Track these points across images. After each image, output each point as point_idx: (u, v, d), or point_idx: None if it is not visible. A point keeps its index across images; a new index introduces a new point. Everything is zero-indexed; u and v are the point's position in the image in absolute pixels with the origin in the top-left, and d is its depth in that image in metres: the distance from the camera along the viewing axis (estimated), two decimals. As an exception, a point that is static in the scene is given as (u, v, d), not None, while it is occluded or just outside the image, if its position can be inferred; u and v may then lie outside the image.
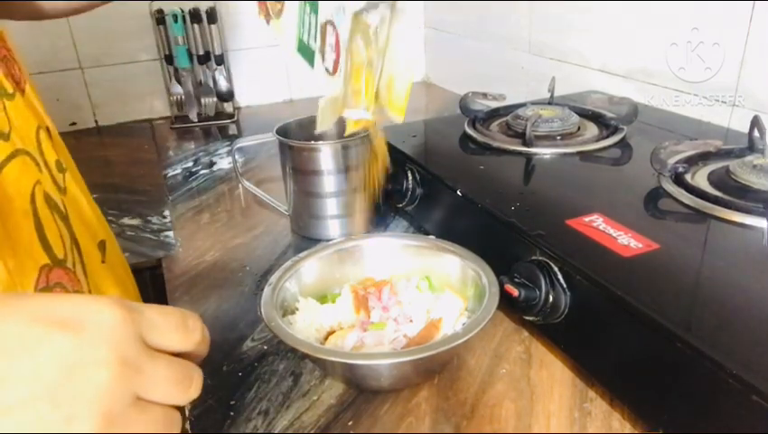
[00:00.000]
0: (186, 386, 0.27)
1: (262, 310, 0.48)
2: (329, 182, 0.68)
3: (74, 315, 0.25)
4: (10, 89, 0.43)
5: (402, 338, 0.49)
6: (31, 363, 0.24)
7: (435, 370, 0.49)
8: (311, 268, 0.55)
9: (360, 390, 0.48)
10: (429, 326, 0.49)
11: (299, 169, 0.70)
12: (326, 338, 0.50)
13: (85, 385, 0.24)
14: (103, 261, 0.51)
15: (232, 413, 0.46)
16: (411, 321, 0.51)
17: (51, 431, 0.23)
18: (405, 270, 0.57)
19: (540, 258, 0.49)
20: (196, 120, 1.21)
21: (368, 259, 0.58)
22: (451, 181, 0.63)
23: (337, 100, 0.46)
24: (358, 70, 0.45)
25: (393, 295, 0.53)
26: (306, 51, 0.49)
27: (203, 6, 1.16)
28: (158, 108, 1.25)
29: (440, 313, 0.50)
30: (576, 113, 0.77)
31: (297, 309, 0.52)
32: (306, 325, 0.50)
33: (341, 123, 0.77)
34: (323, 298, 0.55)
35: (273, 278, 0.52)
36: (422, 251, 0.57)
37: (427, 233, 0.71)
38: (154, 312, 0.27)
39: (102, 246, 0.52)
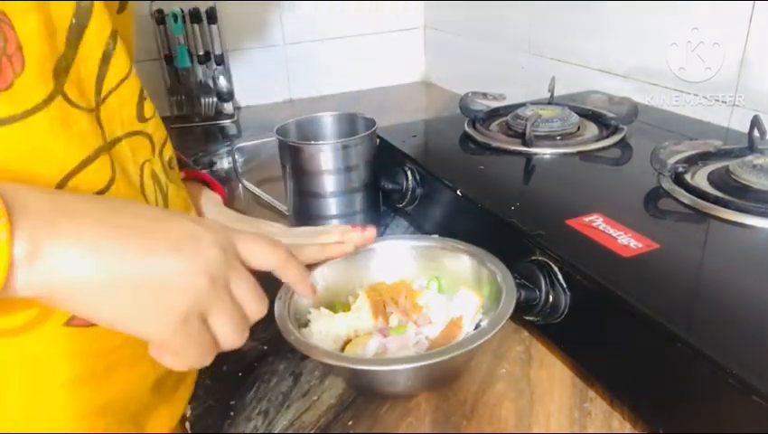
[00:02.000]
0: (261, 302, 0.36)
1: (279, 325, 0.46)
2: (329, 182, 0.68)
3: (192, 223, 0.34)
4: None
5: (424, 340, 0.48)
6: (172, 230, 0.32)
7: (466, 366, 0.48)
8: (319, 276, 0.53)
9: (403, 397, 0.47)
10: (451, 326, 0.48)
11: (299, 169, 0.70)
12: (343, 348, 0.49)
13: (204, 252, 0.32)
14: None
15: (232, 413, 0.46)
16: (431, 322, 0.50)
17: (173, 272, 0.31)
18: (415, 272, 0.56)
19: (540, 258, 0.49)
20: (196, 120, 1.21)
21: (376, 263, 0.56)
22: (451, 181, 0.63)
23: None
24: None
25: (410, 298, 0.52)
26: None
27: (203, 6, 1.16)
28: (158, 108, 1.25)
29: (459, 311, 0.49)
30: (576, 113, 0.77)
31: (309, 321, 0.50)
32: (323, 336, 0.48)
33: (341, 122, 0.77)
34: (333, 307, 0.52)
35: (281, 292, 0.49)
36: (430, 252, 0.56)
37: (427, 234, 0.71)
38: (248, 238, 0.36)
39: None
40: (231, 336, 0.34)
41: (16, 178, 0.32)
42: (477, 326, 0.49)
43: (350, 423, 0.45)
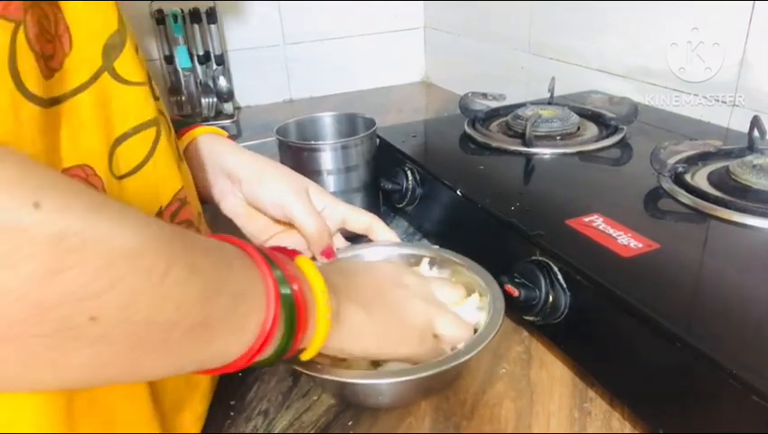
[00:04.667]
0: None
1: None
2: (329, 182, 0.68)
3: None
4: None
5: None
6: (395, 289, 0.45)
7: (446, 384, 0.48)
8: None
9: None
10: None
11: (299, 169, 0.69)
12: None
13: (415, 293, 0.46)
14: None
15: (232, 413, 0.46)
16: None
17: (407, 313, 0.44)
18: None
19: (540, 258, 0.49)
20: (197, 121, 1.21)
21: None
22: (451, 181, 0.63)
23: None
24: None
25: None
26: None
27: (203, 6, 1.16)
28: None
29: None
30: (575, 113, 0.77)
31: None
32: None
33: (341, 122, 0.77)
34: None
35: None
36: (419, 262, 0.54)
37: (427, 234, 0.71)
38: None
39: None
40: (458, 334, 0.45)
41: (67, 155, 0.33)
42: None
43: (350, 423, 0.45)
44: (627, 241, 0.47)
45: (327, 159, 0.68)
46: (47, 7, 0.31)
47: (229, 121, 1.22)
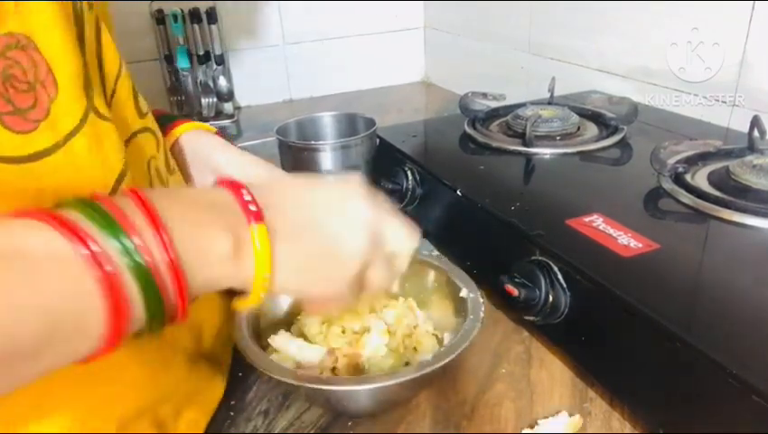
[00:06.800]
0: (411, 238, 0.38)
1: (236, 326, 0.45)
2: (329, 182, 0.68)
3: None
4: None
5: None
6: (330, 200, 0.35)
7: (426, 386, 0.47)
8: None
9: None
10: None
11: (299, 169, 0.70)
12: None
13: (360, 210, 0.35)
14: None
15: (232, 413, 0.46)
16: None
17: (342, 239, 0.34)
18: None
19: (540, 258, 0.49)
20: (196, 120, 1.21)
21: None
22: (451, 181, 0.63)
23: None
24: None
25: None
26: None
27: (203, 6, 1.16)
28: (158, 108, 1.25)
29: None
30: (575, 113, 0.77)
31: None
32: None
33: (341, 122, 0.77)
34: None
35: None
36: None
37: (427, 234, 0.71)
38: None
39: None
40: (384, 282, 0.38)
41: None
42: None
43: (349, 423, 0.45)
44: (627, 241, 0.47)
45: (327, 159, 0.68)
46: (19, 53, 0.29)
47: (228, 121, 1.22)
